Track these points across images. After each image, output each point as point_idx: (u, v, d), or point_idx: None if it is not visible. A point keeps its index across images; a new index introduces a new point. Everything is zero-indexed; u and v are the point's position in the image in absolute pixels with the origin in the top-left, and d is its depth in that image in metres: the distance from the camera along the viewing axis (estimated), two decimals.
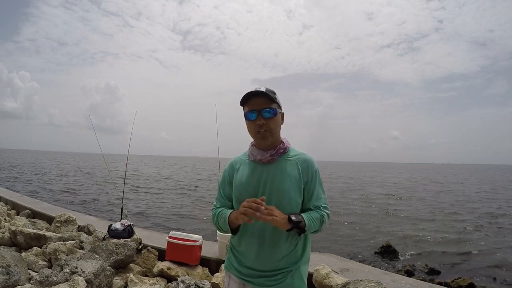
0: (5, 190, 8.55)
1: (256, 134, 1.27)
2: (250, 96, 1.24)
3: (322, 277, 2.85)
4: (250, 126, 1.28)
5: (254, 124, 1.25)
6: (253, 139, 1.33)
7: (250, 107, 1.25)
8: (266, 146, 1.29)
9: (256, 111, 1.24)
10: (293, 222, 1.14)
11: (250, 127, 1.28)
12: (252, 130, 1.28)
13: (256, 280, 1.26)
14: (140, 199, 13.38)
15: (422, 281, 3.37)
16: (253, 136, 1.30)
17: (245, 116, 1.28)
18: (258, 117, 1.24)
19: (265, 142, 1.27)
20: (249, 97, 1.25)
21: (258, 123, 1.24)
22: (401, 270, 5.43)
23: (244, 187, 1.29)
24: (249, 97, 1.25)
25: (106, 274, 2.71)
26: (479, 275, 5.58)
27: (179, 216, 10.25)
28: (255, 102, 1.24)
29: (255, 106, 1.24)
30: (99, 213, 9.73)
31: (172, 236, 3.43)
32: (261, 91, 1.23)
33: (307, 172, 1.29)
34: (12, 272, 2.50)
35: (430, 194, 19.32)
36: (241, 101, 1.27)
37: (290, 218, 1.15)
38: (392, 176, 42.22)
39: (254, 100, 1.24)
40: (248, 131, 1.31)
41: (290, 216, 1.15)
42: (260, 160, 1.29)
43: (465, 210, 13.00)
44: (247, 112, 1.26)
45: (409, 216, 11.36)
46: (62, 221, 4.60)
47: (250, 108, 1.25)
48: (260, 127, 1.24)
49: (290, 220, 1.14)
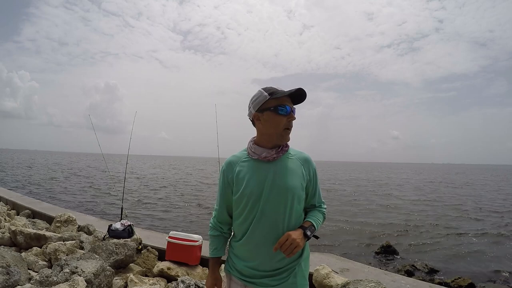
0: (5, 190, 8.55)
1: (284, 130, 1.26)
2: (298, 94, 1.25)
3: (322, 277, 2.85)
4: (280, 120, 1.24)
5: (285, 119, 1.25)
6: (274, 133, 1.27)
7: (288, 102, 1.26)
8: (271, 145, 1.29)
9: (290, 108, 1.25)
10: (308, 237, 1.24)
11: (280, 121, 1.24)
12: (281, 124, 1.25)
13: (259, 281, 1.25)
14: (140, 199, 13.37)
15: (422, 281, 3.37)
16: (279, 130, 1.26)
17: (277, 108, 1.23)
18: (291, 114, 1.25)
19: (287, 138, 1.29)
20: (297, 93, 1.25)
21: (289, 119, 1.25)
22: (401, 270, 5.43)
23: (248, 185, 1.26)
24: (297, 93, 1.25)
25: (106, 274, 2.71)
26: (479, 275, 5.57)
27: (179, 216, 10.25)
28: (294, 99, 1.27)
29: (290, 103, 1.26)
30: (99, 213, 9.74)
31: (172, 236, 3.43)
32: (306, 92, 1.26)
33: (309, 170, 1.31)
34: (12, 272, 2.50)
35: (430, 194, 19.32)
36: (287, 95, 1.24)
37: (305, 234, 1.23)
38: (389, 176, 42.20)
39: (293, 97, 1.27)
40: (272, 125, 1.26)
41: (306, 232, 1.23)
42: (265, 158, 1.27)
43: (467, 210, 13.01)
44: (281, 105, 1.23)
45: (410, 216, 11.36)
46: (62, 221, 4.60)
47: (288, 103, 1.25)
48: (289, 123, 1.26)
49: (306, 236, 1.23)
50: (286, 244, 1.15)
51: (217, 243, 1.41)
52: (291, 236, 1.16)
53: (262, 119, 1.27)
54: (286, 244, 1.15)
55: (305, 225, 1.26)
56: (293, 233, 1.18)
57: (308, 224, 1.26)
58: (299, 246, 1.17)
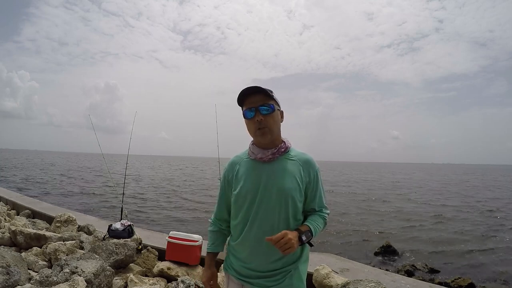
0: (5, 190, 8.54)
1: (255, 132, 1.26)
2: (246, 94, 1.24)
3: (322, 277, 2.85)
4: (249, 124, 1.27)
5: (253, 121, 1.24)
6: (253, 137, 1.31)
7: (248, 105, 1.25)
8: (267, 144, 1.27)
9: (254, 108, 1.23)
10: (302, 242, 1.19)
11: (249, 125, 1.27)
12: (252, 128, 1.27)
13: (255, 281, 1.25)
14: (140, 199, 13.37)
15: (422, 281, 3.37)
16: (253, 134, 1.29)
17: (244, 114, 1.27)
18: (256, 114, 1.23)
19: (265, 139, 1.25)
20: (246, 95, 1.24)
21: (256, 119, 1.23)
22: (401, 270, 5.44)
23: (244, 185, 1.27)
24: (246, 95, 1.24)
25: (106, 274, 2.71)
26: (479, 275, 5.58)
27: (179, 216, 10.25)
28: (252, 99, 1.24)
29: (252, 104, 1.24)
30: (99, 213, 9.73)
31: (172, 236, 3.42)
32: (256, 87, 1.23)
33: (309, 172, 1.28)
34: (12, 272, 2.49)
35: (430, 193, 19.32)
36: (238, 100, 1.27)
37: (300, 238, 1.19)
38: (386, 176, 42.13)
39: (251, 98, 1.24)
40: (248, 130, 1.30)
41: (301, 236, 1.19)
42: (261, 159, 1.27)
43: (466, 210, 13.00)
44: (245, 111, 1.26)
45: (409, 216, 11.36)
46: (62, 221, 4.60)
47: (248, 106, 1.25)
48: (259, 123, 1.23)
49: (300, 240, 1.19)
50: (281, 242, 1.11)
51: (214, 238, 1.42)
52: (288, 235, 1.12)
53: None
54: (281, 242, 1.11)
55: (302, 229, 1.22)
56: (291, 233, 1.15)
57: (306, 228, 1.22)
58: (293, 248, 1.13)
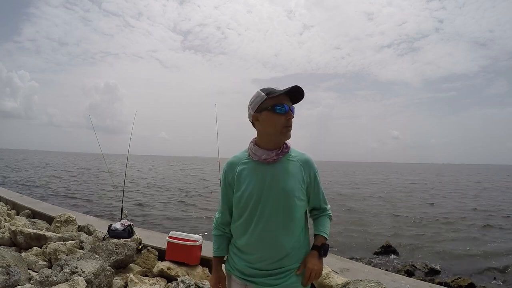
0: (5, 190, 8.54)
1: (282, 128, 1.24)
2: (293, 91, 1.23)
3: (322, 277, 2.85)
4: (278, 119, 1.23)
5: (284, 117, 1.23)
6: (272, 133, 1.26)
7: (285, 101, 1.23)
8: (272, 145, 1.27)
9: (287, 106, 1.24)
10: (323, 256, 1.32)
11: (278, 120, 1.23)
12: (279, 123, 1.23)
13: (259, 280, 1.26)
14: (140, 199, 13.37)
15: (422, 281, 3.37)
16: (278, 129, 1.24)
17: (273, 108, 1.22)
18: (289, 112, 1.24)
19: (287, 137, 1.28)
20: (292, 92, 1.23)
21: (288, 117, 1.24)
22: (401, 270, 5.43)
23: (248, 187, 1.27)
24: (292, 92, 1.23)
25: (106, 274, 2.71)
26: (479, 275, 5.57)
27: (179, 216, 10.25)
28: (292, 98, 1.26)
29: (289, 102, 1.25)
30: (99, 213, 9.73)
31: (172, 236, 3.42)
32: (303, 90, 1.23)
33: (309, 172, 1.30)
34: (12, 272, 2.50)
35: (429, 194, 19.32)
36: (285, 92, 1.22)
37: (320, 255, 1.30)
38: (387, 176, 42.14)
39: (291, 96, 1.25)
40: (268, 124, 1.25)
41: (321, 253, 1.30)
42: (265, 160, 1.26)
43: (467, 209, 13.00)
44: (278, 104, 1.22)
45: (409, 215, 11.36)
46: (62, 221, 4.60)
47: (285, 102, 1.23)
48: (287, 122, 1.24)
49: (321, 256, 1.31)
50: (312, 278, 1.26)
51: (219, 243, 1.42)
52: (314, 268, 1.26)
53: (261, 119, 1.26)
54: (311, 279, 1.26)
55: (318, 243, 1.31)
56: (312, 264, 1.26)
57: (322, 241, 1.32)
58: (320, 271, 1.28)
